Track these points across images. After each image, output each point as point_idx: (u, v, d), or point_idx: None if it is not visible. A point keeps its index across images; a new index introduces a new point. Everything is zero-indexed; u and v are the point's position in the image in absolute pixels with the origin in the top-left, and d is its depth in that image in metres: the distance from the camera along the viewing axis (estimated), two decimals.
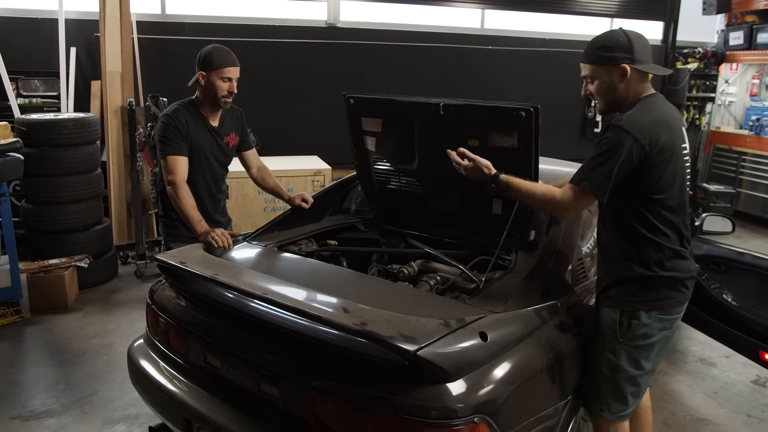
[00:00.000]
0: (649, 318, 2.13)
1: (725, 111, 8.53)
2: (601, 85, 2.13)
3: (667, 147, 2.03)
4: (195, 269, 2.17)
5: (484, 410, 1.76)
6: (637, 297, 2.14)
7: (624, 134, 1.98)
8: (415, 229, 3.05)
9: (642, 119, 2.01)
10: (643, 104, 2.08)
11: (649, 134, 1.99)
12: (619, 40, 2.08)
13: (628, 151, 1.97)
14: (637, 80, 2.11)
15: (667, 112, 2.12)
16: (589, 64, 2.13)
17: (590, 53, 2.13)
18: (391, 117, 2.84)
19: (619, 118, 2.04)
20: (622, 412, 2.23)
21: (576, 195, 2.04)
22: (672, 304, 2.16)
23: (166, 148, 2.81)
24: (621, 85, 2.10)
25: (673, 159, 2.06)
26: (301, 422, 1.88)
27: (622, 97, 2.12)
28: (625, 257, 2.16)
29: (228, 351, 2.10)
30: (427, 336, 1.74)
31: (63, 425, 3.09)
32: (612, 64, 2.08)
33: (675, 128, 2.10)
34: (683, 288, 2.17)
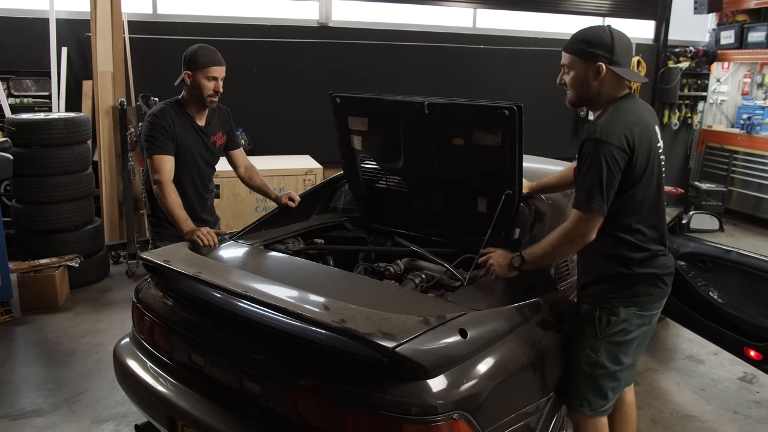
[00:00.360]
0: (627, 314, 2.15)
1: (717, 110, 8.55)
2: (575, 77, 2.14)
3: (642, 147, 2.05)
4: (178, 267, 2.18)
5: (463, 407, 1.77)
6: (616, 294, 2.16)
7: (600, 145, 1.99)
8: (401, 228, 3.07)
9: (615, 125, 2.03)
10: (616, 109, 2.10)
11: (625, 138, 2.01)
12: (603, 38, 2.09)
13: (611, 158, 1.99)
14: (612, 81, 2.12)
15: (641, 114, 2.13)
16: (569, 54, 2.15)
17: (572, 44, 2.14)
18: (377, 116, 2.85)
19: (592, 130, 2.05)
20: (602, 408, 2.25)
21: (584, 219, 2.03)
22: (650, 300, 2.18)
23: (152, 148, 2.81)
24: (594, 83, 2.11)
25: (649, 160, 2.08)
26: (283, 419, 1.90)
27: (593, 94, 2.14)
28: (603, 256, 2.18)
29: (211, 349, 2.11)
30: (406, 333, 1.75)
31: (51, 424, 3.09)
32: (590, 60, 2.09)
33: (649, 129, 2.12)
34: (661, 284, 2.20)
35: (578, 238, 2.06)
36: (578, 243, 2.08)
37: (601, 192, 1.99)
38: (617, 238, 2.14)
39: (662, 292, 2.21)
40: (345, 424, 1.77)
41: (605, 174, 1.99)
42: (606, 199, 2.01)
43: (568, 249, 2.14)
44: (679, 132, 8.46)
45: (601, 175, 1.99)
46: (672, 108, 8.23)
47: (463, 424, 1.76)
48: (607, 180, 1.99)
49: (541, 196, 2.71)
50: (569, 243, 2.10)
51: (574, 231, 2.06)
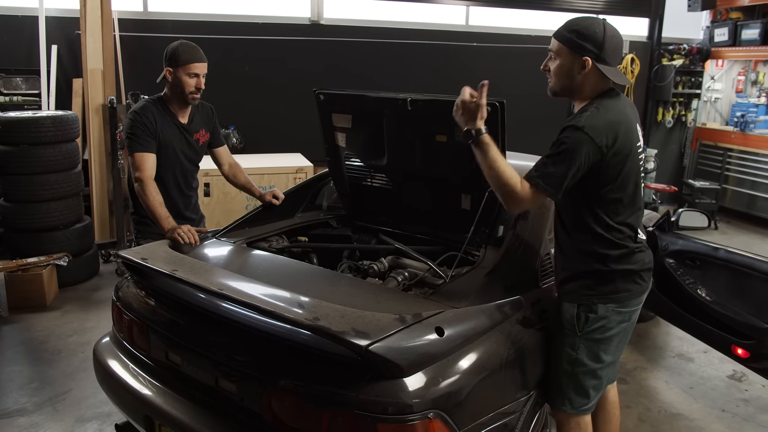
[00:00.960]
0: (606, 311, 2.13)
1: (711, 107, 8.54)
2: (560, 67, 2.10)
3: (623, 147, 2.03)
4: (155, 265, 2.15)
5: (439, 406, 1.75)
6: (594, 291, 2.14)
7: (582, 136, 1.95)
8: (386, 225, 3.05)
9: (599, 121, 1.99)
10: (600, 103, 2.06)
11: (606, 137, 1.97)
12: (595, 32, 2.03)
13: (585, 154, 1.95)
14: (597, 78, 2.08)
15: (623, 111, 2.10)
16: (558, 42, 2.11)
17: (563, 32, 2.09)
18: (361, 113, 2.84)
19: (578, 119, 2.01)
20: (584, 406, 2.23)
21: (529, 192, 1.97)
22: (629, 296, 2.16)
23: (134, 145, 2.79)
24: (578, 76, 2.07)
25: (628, 159, 2.06)
26: (258, 418, 1.88)
27: (576, 86, 2.10)
28: (581, 253, 2.16)
29: (188, 347, 2.09)
30: (381, 331, 1.73)
31: (34, 423, 3.07)
32: (578, 51, 2.05)
33: (631, 128, 2.09)
34: (639, 280, 2.18)
35: (513, 199, 1.97)
36: (510, 201, 1.98)
37: (565, 181, 1.95)
38: (594, 234, 2.11)
39: (640, 288, 2.19)
40: (319, 423, 1.75)
41: (575, 166, 1.94)
42: (562, 186, 1.95)
43: (499, 190, 1.99)
44: (673, 130, 8.44)
45: (572, 165, 1.94)
46: (666, 106, 8.22)
47: (438, 424, 1.74)
48: (575, 172, 1.96)
49: None
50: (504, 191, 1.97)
51: (519, 192, 1.95)
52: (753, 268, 3.03)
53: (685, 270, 3.42)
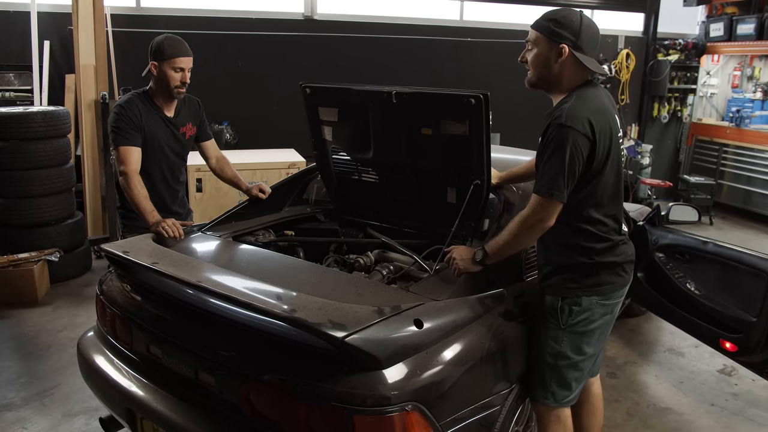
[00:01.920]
0: (589, 303, 2.13)
1: (707, 103, 8.52)
2: (538, 56, 2.10)
3: (604, 136, 2.02)
4: (136, 258, 2.15)
5: (417, 398, 1.74)
6: (578, 283, 2.14)
7: (566, 130, 1.95)
8: (373, 219, 3.04)
9: (580, 111, 1.99)
10: (579, 95, 2.06)
11: (590, 124, 1.97)
12: (572, 20, 2.05)
13: (574, 145, 1.95)
14: (574, 67, 2.08)
15: (603, 101, 2.10)
16: (535, 31, 2.11)
17: (542, 21, 2.10)
18: (347, 106, 2.83)
19: (558, 115, 2.00)
20: (566, 399, 2.23)
21: (544, 205, 1.99)
22: (612, 289, 2.16)
23: (118, 139, 2.78)
24: (556, 65, 2.07)
25: (611, 149, 2.05)
26: (237, 410, 1.87)
27: (553, 76, 2.10)
28: (564, 246, 2.16)
29: (168, 340, 2.08)
30: (358, 323, 1.73)
31: (21, 418, 3.07)
32: (555, 40, 2.05)
33: (610, 117, 2.09)
34: (622, 272, 2.18)
35: (536, 224, 2.03)
36: (537, 229, 2.05)
37: (564, 178, 1.96)
38: (578, 228, 2.12)
39: (623, 280, 2.19)
40: (296, 415, 1.74)
41: (568, 160, 1.95)
42: (567, 186, 1.97)
43: (527, 236, 2.09)
44: (668, 125, 8.42)
45: (564, 161, 1.95)
46: (661, 101, 8.20)
47: (416, 416, 1.73)
48: (570, 166, 1.96)
49: (511, 186, 2.69)
50: (528, 230, 2.06)
51: (532, 216, 2.03)
52: (741, 261, 3.02)
53: (674, 264, 3.41)
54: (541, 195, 2.00)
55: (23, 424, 3.02)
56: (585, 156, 1.99)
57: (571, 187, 2.00)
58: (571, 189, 2.00)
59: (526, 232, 2.07)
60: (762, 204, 7.37)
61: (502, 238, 2.12)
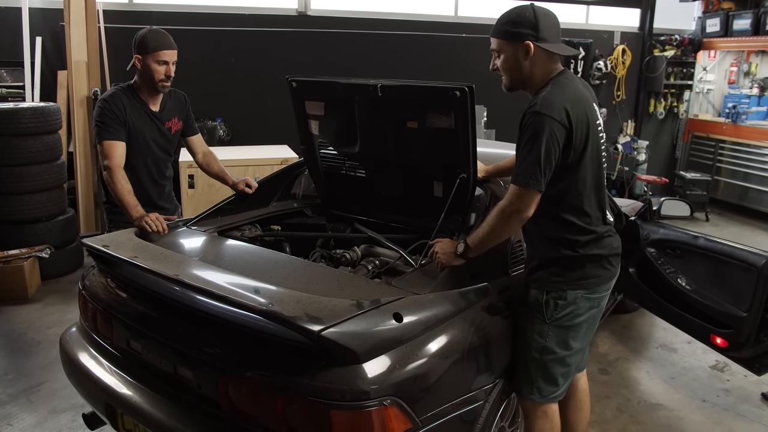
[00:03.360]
0: (575, 297, 2.11)
1: (703, 99, 8.49)
2: (506, 60, 2.10)
3: (581, 124, 2.01)
4: (116, 252, 2.13)
5: (396, 393, 1.72)
6: (563, 277, 2.11)
7: (541, 117, 1.94)
8: (360, 214, 3.02)
9: (555, 99, 1.97)
10: (554, 84, 2.05)
11: (566, 112, 1.96)
12: (526, 16, 2.05)
13: (550, 133, 1.93)
14: (544, 59, 2.07)
15: (579, 89, 2.09)
16: (496, 39, 2.11)
17: (498, 27, 2.10)
18: (333, 99, 2.81)
19: (533, 103, 1.99)
20: (553, 394, 2.21)
21: (521, 194, 1.97)
22: (598, 282, 2.14)
23: (102, 133, 2.76)
24: (525, 63, 2.06)
25: (589, 137, 2.03)
26: (215, 405, 1.85)
27: (526, 74, 2.09)
28: (549, 240, 2.14)
29: (148, 335, 2.06)
30: (335, 316, 1.70)
31: (7, 414, 3.05)
32: (517, 40, 2.04)
33: (588, 105, 2.07)
34: (608, 265, 2.16)
35: (514, 214, 2.00)
36: (515, 219, 2.02)
37: (540, 167, 1.93)
38: (562, 220, 2.09)
39: (609, 273, 2.17)
40: (273, 410, 1.72)
41: (544, 148, 1.93)
42: (544, 175, 1.95)
43: (506, 227, 2.06)
44: (665, 121, 8.40)
45: (540, 149, 1.93)
46: (658, 97, 8.17)
47: (395, 411, 1.71)
48: (546, 154, 1.93)
49: (498, 180, 2.67)
50: (506, 220, 2.03)
51: (509, 206, 2.00)
52: (732, 256, 2.99)
53: (665, 259, 3.38)
54: (518, 184, 1.98)
55: (9, 421, 3.00)
56: (561, 144, 1.97)
57: (548, 175, 1.97)
58: (549, 178, 1.98)
59: (504, 223, 2.04)
60: (758, 200, 7.34)
61: (482, 231, 2.10)
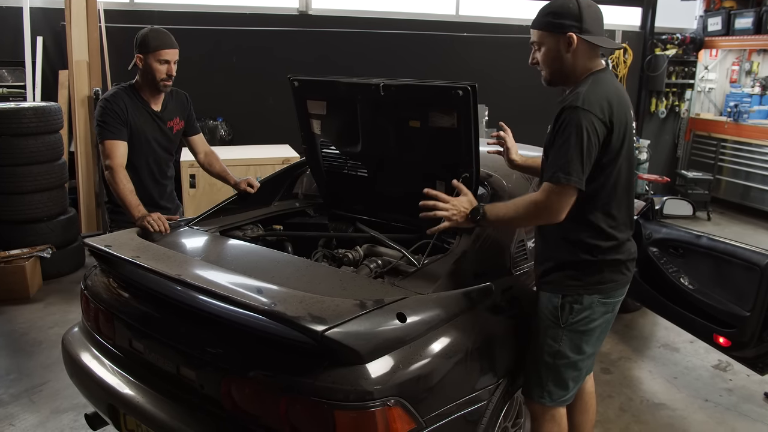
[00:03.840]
0: (591, 302, 2.07)
1: (705, 98, 8.48)
2: (547, 53, 2.04)
3: (620, 123, 1.96)
4: (118, 252, 2.12)
5: (400, 393, 1.72)
6: (580, 281, 2.07)
7: (581, 113, 1.87)
8: (363, 213, 3.01)
9: (595, 96, 1.91)
10: (595, 79, 1.99)
11: (606, 109, 1.91)
12: (570, 7, 1.98)
13: (590, 129, 1.87)
14: (586, 52, 2.01)
15: (620, 89, 2.04)
16: (537, 30, 2.05)
17: (539, 19, 2.04)
18: (335, 99, 2.80)
19: (573, 99, 1.92)
20: (563, 398, 2.18)
21: (558, 192, 1.89)
22: (614, 287, 2.10)
23: (104, 133, 2.76)
24: (567, 55, 2.01)
25: (626, 137, 1.99)
26: (218, 405, 1.85)
27: (568, 67, 2.03)
28: (568, 241, 2.07)
29: (150, 335, 2.06)
30: (338, 316, 1.70)
31: (9, 415, 3.05)
32: (559, 31, 1.99)
33: (626, 106, 2.02)
34: (626, 270, 2.12)
35: (547, 211, 1.92)
36: (545, 217, 1.95)
37: (581, 163, 1.86)
38: (587, 223, 2.03)
39: (626, 278, 2.12)
40: (276, 410, 1.71)
41: (585, 144, 1.86)
42: (584, 172, 1.88)
43: (532, 220, 2.01)
44: (666, 120, 8.39)
45: (582, 144, 1.85)
46: (659, 96, 8.16)
47: (398, 411, 1.71)
48: (587, 150, 1.86)
49: (500, 179, 2.66)
50: (535, 214, 1.96)
51: (544, 202, 1.91)
52: (734, 255, 2.99)
53: (668, 258, 3.38)
54: (555, 181, 1.87)
55: (11, 421, 3.00)
56: (601, 140, 1.91)
57: (587, 173, 1.90)
58: (587, 175, 1.90)
59: (532, 216, 1.98)
60: (760, 199, 7.33)
61: (505, 210, 2.02)
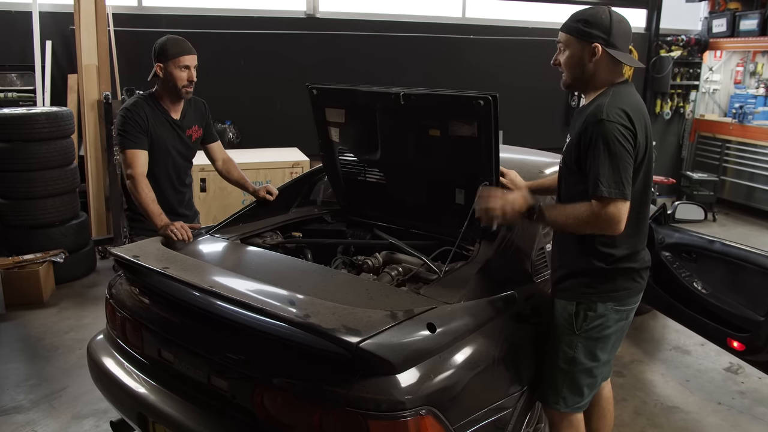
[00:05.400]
0: (605, 309, 2.10)
1: (710, 99, 8.50)
2: (571, 57, 2.07)
3: (643, 134, 1.99)
4: (147, 263, 2.15)
5: (431, 402, 1.75)
6: (594, 289, 2.10)
7: (607, 125, 1.91)
8: (381, 220, 3.04)
9: (620, 107, 1.95)
10: (617, 91, 2.02)
11: (630, 120, 1.94)
12: (602, 18, 2.01)
13: (622, 140, 1.90)
14: (608, 64, 2.04)
15: (640, 101, 2.08)
16: (565, 34, 2.08)
17: (570, 23, 2.07)
18: (354, 107, 2.82)
19: (596, 111, 1.95)
20: (578, 404, 2.22)
21: (618, 206, 1.90)
22: (628, 295, 2.13)
23: (125, 142, 2.78)
24: (590, 65, 2.03)
25: (647, 149, 2.02)
26: (250, 415, 1.87)
27: (588, 76, 2.06)
28: (581, 250, 2.11)
29: (181, 345, 2.08)
30: (372, 328, 1.73)
31: (31, 421, 3.07)
32: (586, 40, 2.02)
33: (646, 119, 2.05)
34: (639, 278, 2.15)
35: (607, 225, 1.92)
36: (605, 229, 1.94)
37: (627, 174, 1.90)
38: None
39: (639, 286, 2.16)
40: (310, 420, 1.74)
41: (622, 155, 1.90)
42: (627, 185, 1.90)
43: (587, 229, 1.99)
44: (671, 121, 8.41)
45: (619, 156, 1.89)
46: (664, 97, 8.19)
47: (430, 420, 1.74)
48: (626, 160, 1.90)
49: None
50: (594, 226, 1.95)
51: (605, 215, 1.90)
52: (749, 260, 3.01)
53: (681, 263, 3.41)
54: (612, 196, 1.89)
55: (33, 427, 3.02)
56: (634, 150, 1.94)
57: (630, 179, 1.92)
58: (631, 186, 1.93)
59: (588, 227, 1.97)
60: (765, 200, 7.36)
61: (563, 215, 2.03)
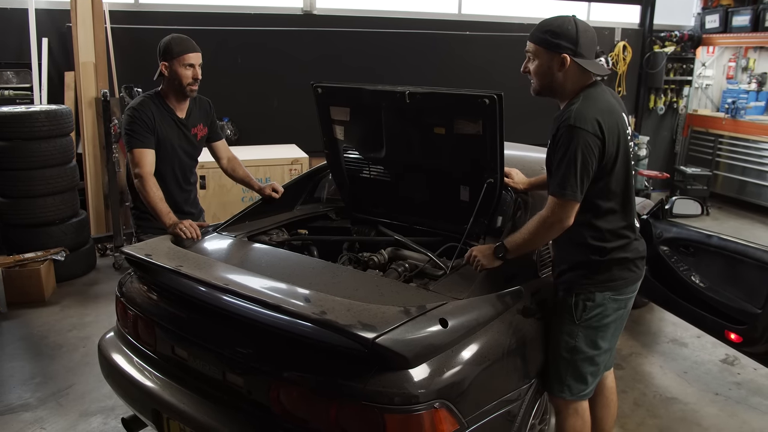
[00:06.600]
0: (603, 299, 2.19)
1: (702, 94, 8.59)
2: (539, 66, 2.14)
3: (614, 134, 2.07)
4: (160, 261, 2.17)
5: (444, 395, 1.79)
6: (591, 279, 2.19)
7: (575, 131, 2.00)
8: (385, 217, 3.07)
9: (588, 112, 2.03)
10: (586, 96, 2.10)
11: (598, 124, 2.02)
12: (568, 29, 2.08)
13: (585, 145, 2.00)
14: (577, 73, 2.12)
15: (610, 101, 2.15)
16: (533, 44, 2.15)
17: (537, 34, 2.13)
18: (359, 105, 2.85)
19: (566, 117, 2.05)
20: (582, 392, 2.29)
21: (560, 205, 2.05)
22: (625, 284, 2.22)
23: (133, 141, 2.80)
24: (559, 74, 2.11)
25: (619, 146, 2.10)
26: (265, 410, 1.91)
27: (558, 84, 2.14)
28: (577, 245, 2.21)
29: (194, 342, 2.11)
30: (386, 324, 1.77)
31: (39, 418, 3.09)
32: (554, 50, 2.09)
33: (618, 116, 2.14)
34: (634, 267, 2.24)
35: (555, 223, 2.08)
36: (556, 229, 2.09)
37: (576, 178, 2.01)
38: (593, 227, 2.17)
39: (635, 275, 2.25)
40: (327, 414, 1.78)
41: (580, 161, 2.00)
42: (580, 186, 2.02)
43: (546, 235, 2.14)
44: (664, 117, 8.49)
45: (576, 162, 2.00)
46: (658, 93, 8.26)
47: (444, 413, 1.78)
48: (582, 166, 2.01)
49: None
50: (547, 229, 2.11)
51: (551, 217, 2.07)
52: (746, 254, 3.08)
53: (679, 257, 3.47)
54: (557, 196, 2.05)
55: (41, 425, 3.04)
56: (596, 154, 2.03)
57: (585, 186, 2.05)
58: (586, 188, 2.05)
59: (545, 232, 2.12)
60: (756, 194, 7.47)
61: (521, 236, 2.17)
